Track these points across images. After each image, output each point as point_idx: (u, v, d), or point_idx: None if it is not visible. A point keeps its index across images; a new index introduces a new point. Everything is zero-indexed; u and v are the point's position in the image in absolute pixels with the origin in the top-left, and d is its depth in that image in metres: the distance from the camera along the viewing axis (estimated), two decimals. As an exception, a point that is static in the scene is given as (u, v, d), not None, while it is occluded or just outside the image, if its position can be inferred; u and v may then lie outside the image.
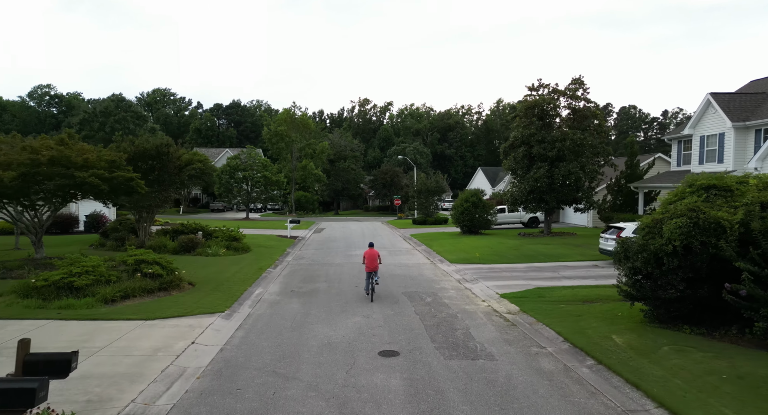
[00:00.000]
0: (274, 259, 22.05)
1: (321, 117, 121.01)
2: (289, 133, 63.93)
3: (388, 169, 68.66)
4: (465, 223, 32.24)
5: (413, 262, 22.20)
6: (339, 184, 70.83)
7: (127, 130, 63.32)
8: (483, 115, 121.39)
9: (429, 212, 45.43)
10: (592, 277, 17.05)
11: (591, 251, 22.90)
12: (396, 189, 67.56)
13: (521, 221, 37.68)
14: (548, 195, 28.32)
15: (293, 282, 17.22)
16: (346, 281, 17.23)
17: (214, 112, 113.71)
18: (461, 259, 21.95)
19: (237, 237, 23.90)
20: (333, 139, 76.58)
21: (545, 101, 28.47)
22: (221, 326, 11.27)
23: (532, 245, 25.17)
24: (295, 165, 66.15)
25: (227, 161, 51.51)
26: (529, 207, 29.43)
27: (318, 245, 29.38)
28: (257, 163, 51.37)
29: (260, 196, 52.39)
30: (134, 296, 12.82)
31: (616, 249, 11.41)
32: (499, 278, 17.40)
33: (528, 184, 28.03)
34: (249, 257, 22.12)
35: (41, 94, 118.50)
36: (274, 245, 27.39)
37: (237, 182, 50.15)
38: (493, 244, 26.57)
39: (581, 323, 11.19)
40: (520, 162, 29.03)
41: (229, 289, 15.10)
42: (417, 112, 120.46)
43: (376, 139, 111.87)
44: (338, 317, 12.38)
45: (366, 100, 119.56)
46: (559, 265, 19.77)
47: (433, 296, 14.89)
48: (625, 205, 29.52)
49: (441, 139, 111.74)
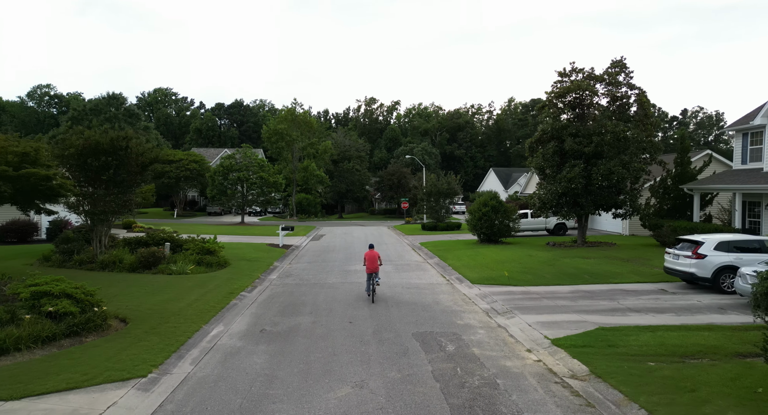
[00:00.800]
0: (253, 277, 17.89)
1: (326, 117, 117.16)
2: (289, 132, 59.95)
3: (395, 170, 64.47)
4: (483, 230, 27.95)
5: (425, 281, 17.96)
6: (343, 186, 66.72)
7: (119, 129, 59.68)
8: (494, 114, 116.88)
9: (440, 217, 41.16)
10: (670, 310, 12.72)
11: (646, 268, 18.52)
12: (403, 191, 63.31)
13: (546, 227, 33.29)
14: (584, 198, 23.95)
15: (268, 314, 13.04)
16: (338, 314, 13.03)
17: (215, 111, 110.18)
18: (485, 278, 17.68)
19: (212, 250, 19.79)
20: (337, 139, 72.52)
21: (580, 88, 24.13)
22: (128, 412, 7.11)
23: (568, 259, 20.83)
24: (296, 166, 62.17)
25: (221, 161, 47.58)
26: (561, 212, 25.06)
27: (313, 256, 25.21)
28: (253, 164, 47.40)
29: (257, 198, 48.41)
30: (18, 348, 8.68)
31: (757, 289, 7.14)
32: (541, 309, 13.13)
33: (560, 185, 23.68)
34: (223, 274, 17.98)
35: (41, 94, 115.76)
36: (260, 257, 23.27)
37: (231, 184, 46.17)
38: (519, 256, 22.26)
39: (705, 410, 6.91)
40: (550, 159, 24.68)
41: (175, 329, 10.94)
42: (425, 112, 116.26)
43: (383, 139, 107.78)
44: (317, 384, 8.18)
45: (372, 99, 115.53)
46: (614, 289, 15.43)
47: (456, 340, 10.65)
48: (673, 211, 25.07)
49: (450, 139, 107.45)
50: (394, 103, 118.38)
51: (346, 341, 10.63)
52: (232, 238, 32.29)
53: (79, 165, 17.81)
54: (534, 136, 25.95)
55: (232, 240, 30.71)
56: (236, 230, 38.55)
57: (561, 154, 24.85)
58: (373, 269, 14.53)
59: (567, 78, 25.42)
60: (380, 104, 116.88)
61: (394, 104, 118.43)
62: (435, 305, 14.10)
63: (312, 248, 29.14)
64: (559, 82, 25.46)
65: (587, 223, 25.95)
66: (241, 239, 31.33)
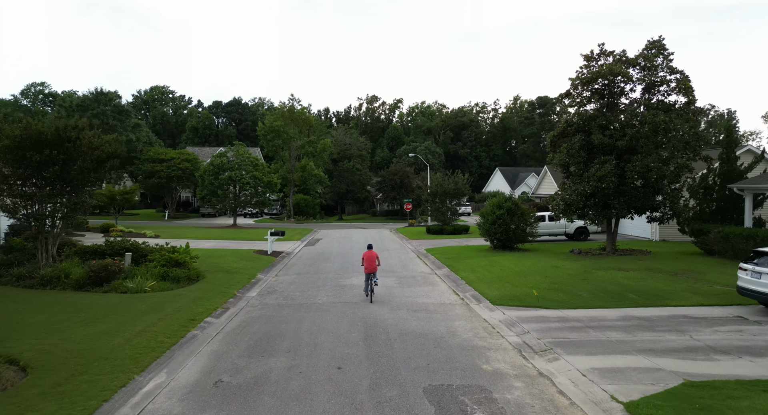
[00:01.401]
0: (227, 296, 14.77)
1: (326, 115, 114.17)
2: (286, 129, 56.89)
3: (397, 170, 61.32)
4: (497, 236, 24.79)
5: (435, 300, 14.82)
6: (343, 186, 63.61)
7: (107, 126, 56.70)
8: (499, 112, 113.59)
9: (446, 219, 38.01)
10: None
11: (704, 285, 15.32)
12: (406, 192, 60.17)
13: (566, 232, 30.11)
14: (616, 199, 20.76)
15: (232, 353, 9.91)
16: (324, 352, 9.88)
17: (212, 109, 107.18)
18: (507, 296, 14.54)
19: (181, 261, 16.67)
20: (337, 137, 69.42)
21: (612, 73, 20.94)
22: None
23: (602, 272, 17.66)
24: (294, 165, 59.12)
25: (211, 160, 44.46)
26: (588, 216, 21.89)
27: (304, 266, 22.09)
28: (246, 162, 44.29)
29: (250, 199, 45.30)
30: None
31: None
32: (590, 345, 9.97)
33: (588, 185, 20.50)
34: (190, 292, 14.86)
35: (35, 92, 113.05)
36: (242, 267, 20.15)
37: (223, 184, 43.05)
38: (543, 267, 19.10)
39: None
40: (576, 155, 21.50)
41: (91, 385, 7.81)
42: (428, 110, 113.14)
43: (385, 138, 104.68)
44: None
45: (374, 97, 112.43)
46: (675, 315, 12.25)
47: (486, 402, 7.50)
48: (716, 213, 21.84)
49: (454, 138, 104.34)
50: (397, 101, 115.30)
51: (330, 403, 7.49)
52: (218, 243, 29.21)
53: (16, 160, 14.73)
54: (557, 128, 22.78)
55: (217, 246, 27.63)
56: (225, 234, 35.47)
57: (588, 150, 21.68)
58: (372, 269, 14.53)
59: (594, 63, 22.24)
60: (382, 102, 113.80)
61: (397, 102, 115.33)
62: (450, 337, 10.95)
63: (305, 255, 26.01)
64: (585, 66, 22.28)
65: (617, 227, 22.74)
66: (228, 245, 28.24)
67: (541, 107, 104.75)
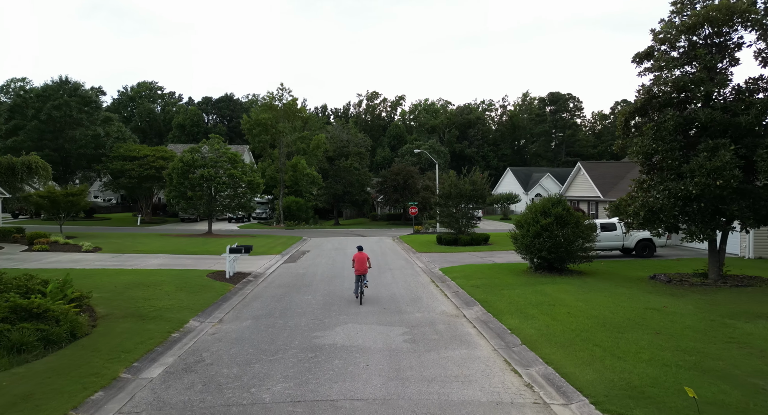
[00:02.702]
0: (91, 387, 7.87)
1: (324, 112, 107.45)
2: (274, 123, 50.09)
3: (400, 169, 54.53)
4: (543, 253, 17.95)
5: (480, 393, 7.94)
6: (339, 187, 56.78)
7: (70, 118, 49.98)
8: (508, 109, 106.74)
9: (461, 227, 31.17)
10: None
11: None
12: (411, 194, 53.39)
13: (623, 245, 23.23)
14: (735, 204, 13.91)
15: None
16: None
17: (202, 106, 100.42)
18: (616, 383, 7.74)
19: (42, 310, 9.80)
20: (333, 132, 62.64)
21: (721, 18, 14.12)
22: None
23: (751, 325, 10.81)
24: (284, 163, 52.33)
25: (181, 155, 37.59)
26: (689, 229, 15.01)
27: (270, 300, 15.19)
28: (223, 159, 37.48)
29: (230, 203, 38.47)
30: None
31: None
32: None
33: (692, 183, 13.67)
34: (17, 383, 7.99)
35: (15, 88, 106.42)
36: (172, 305, 13.28)
37: (195, 184, 36.20)
38: (634, 309, 12.25)
39: None
40: (667, 139, 14.64)
41: None
42: (432, 108, 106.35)
43: (386, 137, 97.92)
44: None
45: (375, 94, 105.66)
46: None
47: None
48: None
49: (460, 137, 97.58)
50: (399, 98, 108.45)
51: None
52: (169, 260, 22.39)
53: None
54: (635, 101, 15.91)
55: (163, 264, 20.84)
56: (189, 246, 28.64)
57: (684, 131, 14.86)
58: (363, 271, 13.95)
59: (686, 7, 15.41)
60: (383, 99, 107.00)
61: (398, 99, 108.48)
62: None
63: (279, 278, 19.15)
64: (676, 13, 15.45)
65: (724, 244, 15.82)
66: (180, 263, 21.41)
67: (552, 104, 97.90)
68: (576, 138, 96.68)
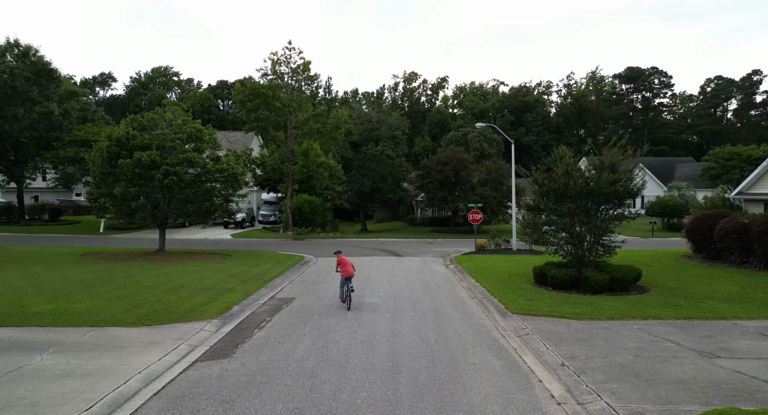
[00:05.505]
0: None
1: (355, 96, 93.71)
2: (277, 93, 36.46)
3: (449, 157, 40.11)
4: None
5: None
6: (367, 181, 42.76)
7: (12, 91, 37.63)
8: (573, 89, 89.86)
9: (582, 253, 16.31)
10: None
11: None
12: (464, 190, 38.88)
13: None
14: None
15: None
16: None
17: (215, 90, 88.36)
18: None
19: None
20: (359, 111, 48.75)
21: None
22: None
23: None
24: (292, 150, 38.73)
25: (111, 130, 24.16)
26: None
27: None
28: (179, 132, 24.02)
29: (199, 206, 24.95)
30: None
31: None
32: None
33: None
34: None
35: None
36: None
37: (131, 175, 22.83)
38: None
39: None
40: None
41: None
42: (481, 90, 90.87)
43: (426, 124, 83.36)
44: None
45: (413, 75, 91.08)
46: None
47: None
48: None
49: (514, 123, 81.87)
50: (441, 80, 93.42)
51: None
52: None
53: None
54: None
55: None
56: (45, 296, 15.14)
57: None
58: (350, 273, 13.33)
59: None
60: (423, 81, 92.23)
61: (441, 81, 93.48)
62: None
63: None
64: None
65: None
66: None
67: (631, 82, 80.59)
68: (661, 122, 79.18)
